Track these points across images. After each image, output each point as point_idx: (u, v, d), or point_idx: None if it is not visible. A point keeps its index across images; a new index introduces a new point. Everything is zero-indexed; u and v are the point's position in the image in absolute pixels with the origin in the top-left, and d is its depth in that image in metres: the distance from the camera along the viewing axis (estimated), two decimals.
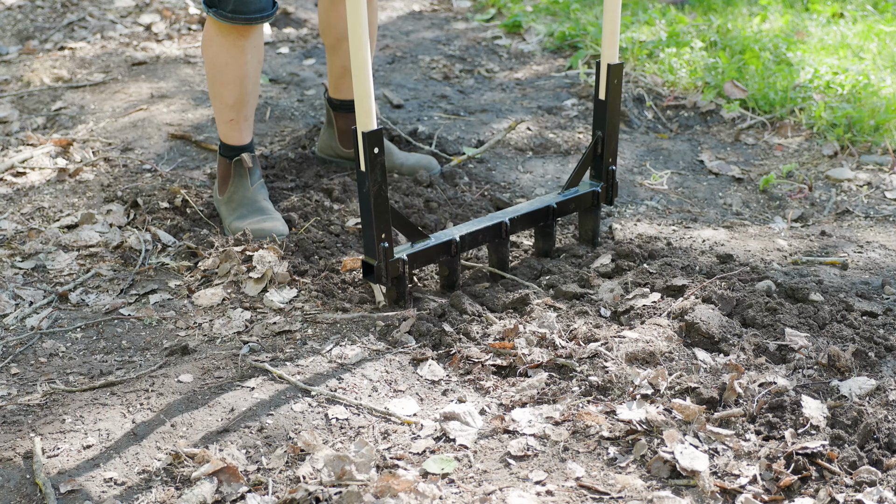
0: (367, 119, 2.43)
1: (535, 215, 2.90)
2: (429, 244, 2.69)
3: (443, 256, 2.73)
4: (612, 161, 3.01)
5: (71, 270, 2.99)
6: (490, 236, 2.81)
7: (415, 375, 2.41)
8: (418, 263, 2.67)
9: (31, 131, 3.89)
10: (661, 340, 2.42)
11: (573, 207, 2.99)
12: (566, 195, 2.98)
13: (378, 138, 2.46)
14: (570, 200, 2.97)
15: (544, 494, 1.98)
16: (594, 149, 3.00)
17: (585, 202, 3.01)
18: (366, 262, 2.60)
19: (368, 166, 2.47)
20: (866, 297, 2.73)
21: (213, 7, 2.92)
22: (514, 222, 2.85)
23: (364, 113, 2.42)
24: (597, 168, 3.03)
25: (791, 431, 2.10)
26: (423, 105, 4.23)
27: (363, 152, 2.46)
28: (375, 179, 2.49)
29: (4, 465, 2.12)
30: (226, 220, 3.13)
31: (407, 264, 2.63)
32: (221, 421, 2.24)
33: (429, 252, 2.69)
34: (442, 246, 2.71)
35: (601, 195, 3.02)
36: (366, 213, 2.54)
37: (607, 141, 2.98)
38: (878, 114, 3.95)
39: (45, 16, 5.18)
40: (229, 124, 3.12)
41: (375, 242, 2.55)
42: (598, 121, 2.98)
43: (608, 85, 2.93)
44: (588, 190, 3.01)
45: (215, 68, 3.04)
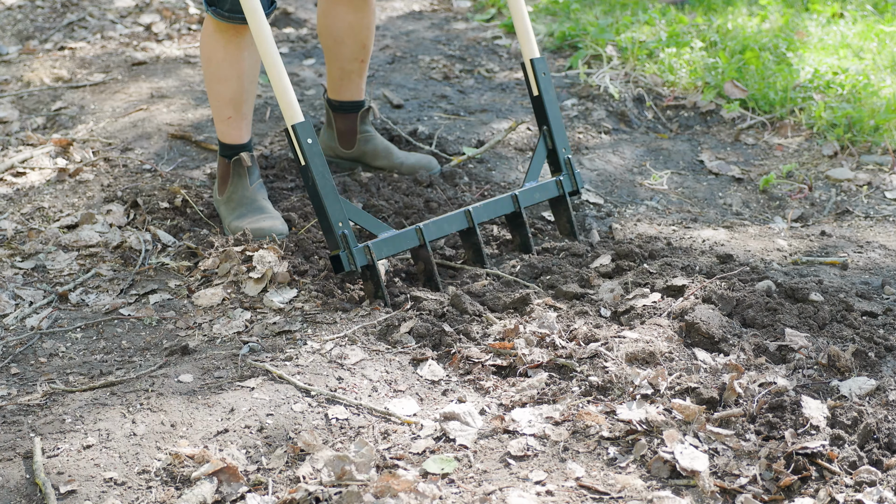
0: (292, 112, 2.49)
1: (498, 204, 2.97)
2: (394, 233, 2.73)
3: (410, 244, 2.76)
4: (565, 150, 3.10)
5: (71, 270, 2.99)
6: (455, 224, 2.86)
7: (415, 375, 2.41)
8: (386, 251, 2.70)
9: (31, 131, 3.89)
10: (661, 340, 2.42)
11: (538, 196, 3.05)
12: (527, 185, 3.05)
13: (308, 129, 2.52)
14: (534, 189, 3.04)
15: (544, 494, 1.98)
16: (545, 143, 3.09)
17: (550, 190, 3.08)
18: (333, 257, 2.63)
19: (307, 158, 2.50)
20: (866, 297, 2.73)
21: (211, 6, 2.93)
22: (478, 211, 2.91)
23: (287, 106, 2.49)
24: (553, 160, 3.12)
25: (791, 431, 2.10)
26: (423, 105, 4.23)
27: (298, 145, 2.51)
28: (318, 169, 2.53)
29: (4, 465, 2.12)
30: (225, 219, 3.13)
31: (373, 251, 2.65)
32: (221, 421, 2.24)
33: (395, 240, 2.72)
34: (407, 234, 2.75)
35: (565, 182, 3.09)
36: (318, 205, 2.58)
37: (555, 132, 3.08)
38: (878, 114, 3.95)
39: (45, 16, 5.18)
40: (227, 122, 3.12)
41: (334, 231, 2.58)
42: (539, 116, 3.09)
43: (537, 79, 3.04)
44: (550, 180, 3.09)
45: (212, 66, 3.05)
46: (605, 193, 3.56)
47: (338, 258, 2.63)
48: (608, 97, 4.29)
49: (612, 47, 4.72)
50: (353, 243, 2.63)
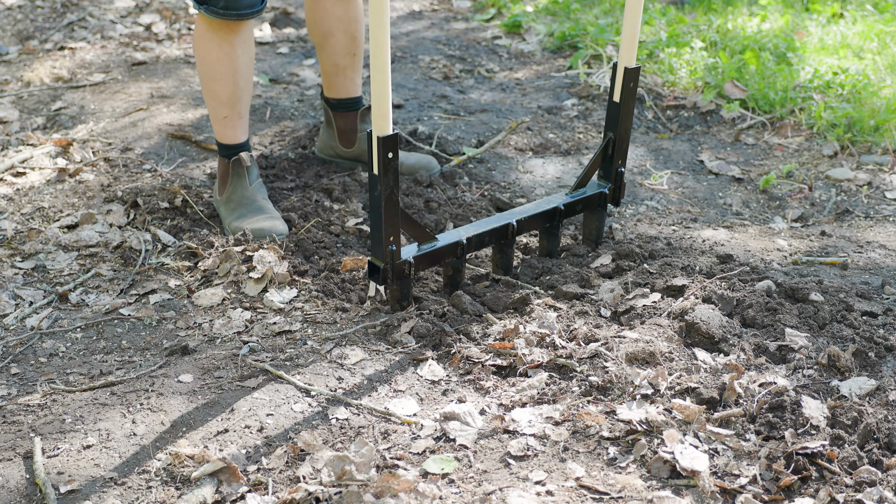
0: (384, 123, 2.42)
1: (542, 216, 2.90)
2: (435, 245, 2.68)
3: (449, 258, 2.73)
4: (621, 163, 3.01)
5: (71, 270, 2.99)
6: (496, 238, 2.81)
7: (415, 375, 2.41)
8: (424, 265, 2.67)
9: (31, 131, 3.89)
10: (662, 340, 2.42)
11: (580, 208, 2.99)
12: (574, 196, 2.97)
13: (393, 143, 2.45)
14: (578, 201, 2.97)
15: (544, 494, 1.98)
16: (605, 150, 3.00)
17: (592, 203, 3.01)
18: (372, 263, 2.60)
19: (381, 170, 2.46)
20: (866, 297, 2.73)
21: (203, 4, 2.92)
22: (521, 224, 2.84)
23: (381, 117, 2.42)
24: (606, 169, 3.03)
25: (791, 431, 2.10)
26: (423, 105, 4.23)
27: (377, 156, 2.46)
28: (388, 183, 2.48)
29: (4, 465, 2.12)
30: (225, 220, 3.13)
31: (413, 266, 2.63)
32: (221, 421, 2.24)
33: (435, 254, 2.68)
34: (448, 248, 2.71)
35: (608, 196, 3.02)
36: (375, 216, 2.54)
37: (618, 143, 2.98)
38: (878, 114, 3.95)
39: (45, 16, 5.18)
40: (223, 122, 3.12)
41: (384, 245, 2.55)
42: (610, 122, 2.98)
43: (623, 88, 2.92)
44: (596, 191, 3.00)
45: (207, 65, 3.04)
46: None
47: (377, 268, 2.59)
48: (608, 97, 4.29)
49: (612, 47, 4.72)
50: (398, 258, 2.59)
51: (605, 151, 3.00)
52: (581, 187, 3.00)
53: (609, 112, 2.98)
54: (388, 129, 2.44)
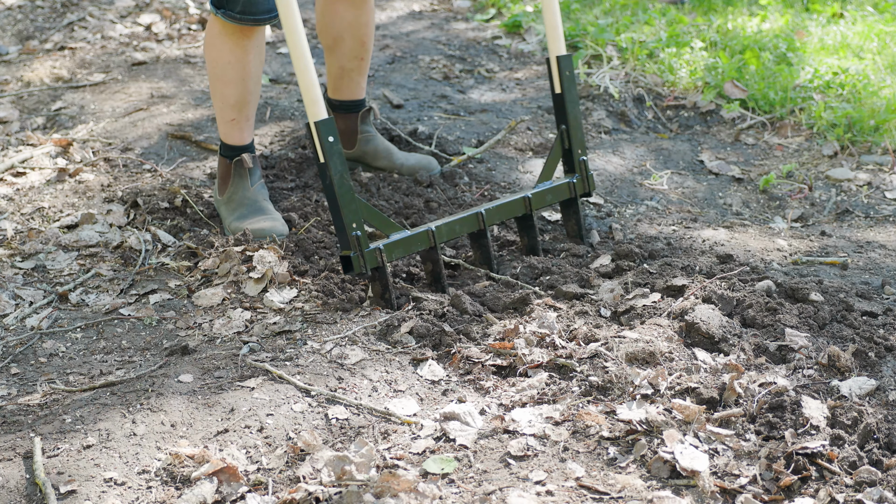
0: (317, 109, 2.46)
1: (510, 206, 2.93)
2: (406, 234, 2.70)
3: (420, 246, 2.74)
4: (581, 152, 3.04)
5: (71, 270, 2.99)
6: (467, 226, 2.83)
7: (415, 375, 2.41)
8: (397, 253, 2.68)
9: (31, 131, 3.89)
10: (662, 340, 2.42)
11: (550, 199, 3.01)
12: (540, 187, 3.00)
13: (330, 126, 2.49)
14: (547, 191, 3.00)
15: (544, 494, 1.98)
16: (561, 143, 3.04)
17: (562, 193, 3.04)
18: (343, 257, 2.61)
19: (327, 156, 2.48)
20: (866, 297, 2.73)
21: (220, 8, 2.91)
22: (490, 213, 2.87)
23: (313, 103, 2.45)
24: (568, 161, 3.07)
25: (791, 431, 2.10)
26: (423, 105, 4.23)
27: (319, 143, 2.48)
28: (336, 168, 2.50)
29: (4, 465, 2.12)
30: (226, 220, 3.13)
31: (384, 253, 2.63)
32: (221, 421, 2.24)
33: (406, 242, 2.70)
34: (419, 236, 2.72)
35: (578, 185, 3.05)
36: (333, 205, 2.55)
37: (572, 133, 3.02)
38: (878, 114, 3.95)
39: (45, 16, 5.18)
40: (230, 124, 3.12)
41: (347, 232, 2.56)
42: (559, 115, 3.03)
43: (561, 77, 2.98)
44: (564, 181, 3.04)
45: (218, 68, 3.04)
46: (605, 193, 3.56)
47: (349, 259, 2.61)
48: (608, 97, 4.29)
49: (612, 47, 4.72)
50: (366, 245, 2.61)
51: (562, 144, 3.04)
52: (546, 180, 3.03)
53: (555, 105, 3.04)
54: (323, 114, 2.48)
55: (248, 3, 2.88)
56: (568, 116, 3.01)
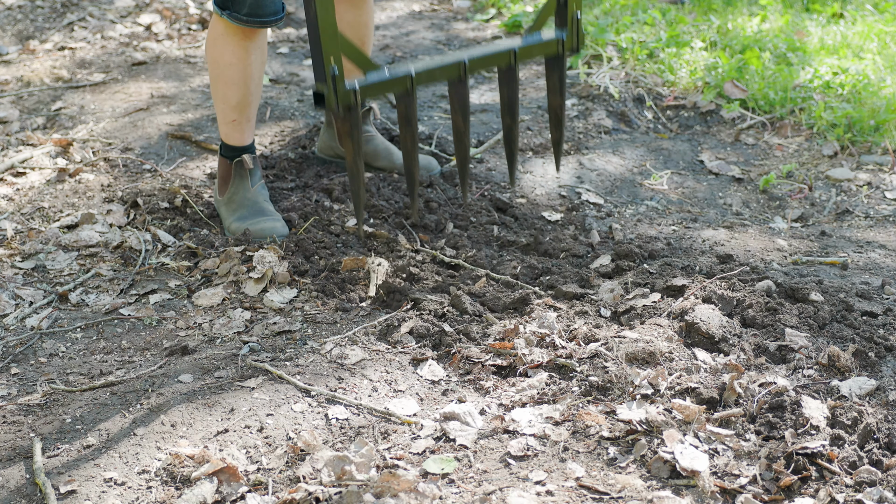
0: None
1: (495, 57, 2.80)
2: (383, 76, 2.60)
3: (397, 89, 2.64)
4: (576, 6, 2.88)
5: (71, 270, 2.99)
6: (447, 74, 2.71)
7: (415, 375, 2.41)
8: (371, 94, 2.58)
9: (31, 131, 3.89)
10: (661, 340, 2.42)
11: (536, 52, 2.87)
12: (528, 40, 2.85)
13: None
14: (534, 47, 2.85)
15: (544, 494, 1.98)
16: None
17: (549, 49, 2.88)
18: (316, 92, 2.52)
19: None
20: (866, 297, 2.73)
21: (226, 9, 2.91)
22: (473, 62, 2.73)
23: None
24: (560, 15, 2.89)
25: (791, 431, 2.10)
26: (423, 105, 4.23)
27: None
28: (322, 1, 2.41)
29: (4, 465, 2.12)
30: (226, 220, 3.13)
31: (358, 93, 2.54)
32: (221, 421, 2.24)
33: (383, 84, 2.60)
34: (397, 80, 2.62)
35: (566, 42, 2.89)
36: (313, 38, 2.46)
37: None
38: (878, 114, 3.95)
39: (45, 16, 5.18)
40: (231, 125, 3.12)
41: (325, 66, 2.47)
42: None
43: None
44: (551, 37, 2.88)
45: (220, 68, 3.04)
46: (605, 193, 3.56)
47: (321, 95, 2.50)
48: (608, 97, 4.29)
49: (612, 47, 4.72)
50: (341, 82, 2.49)
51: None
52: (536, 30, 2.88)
53: None
54: None
55: (255, 5, 2.88)
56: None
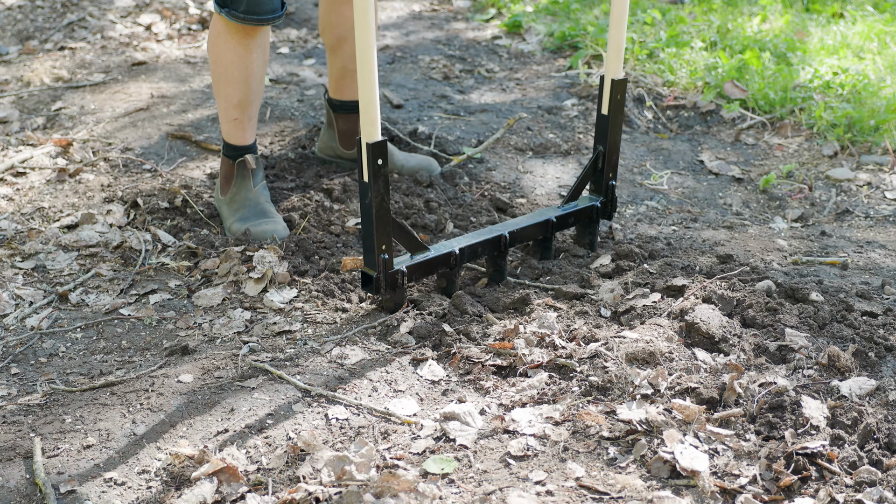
0: (372, 129, 2.41)
1: (534, 229, 2.90)
2: (428, 256, 2.68)
3: (441, 269, 2.72)
4: (612, 176, 3.00)
5: (71, 270, 2.99)
6: (489, 249, 2.81)
7: (415, 375, 2.41)
8: (417, 276, 2.67)
9: (31, 131, 3.89)
10: (662, 340, 2.42)
11: (572, 221, 2.98)
12: (566, 209, 2.96)
13: (382, 149, 2.44)
14: (570, 214, 2.97)
15: (544, 494, 1.98)
16: (595, 164, 2.99)
17: (585, 216, 3.01)
18: (365, 273, 2.60)
19: (372, 177, 2.45)
20: (866, 297, 2.73)
21: (225, 7, 2.91)
22: (513, 235, 2.83)
23: (369, 123, 2.40)
24: (597, 183, 3.02)
25: (791, 431, 2.10)
26: (423, 105, 4.23)
27: (367, 163, 2.44)
28: (378, 191, 2.47)
29: (4, 465, 2.12)
30: (227, 220, 3.13)
31: (405, 276, 2.62)
32: (221, 421, 2.24)
33: (428, 264, 2.68)
34: (441, 258, 2.70)
35: (600, 210, 3.02)
36: (367, 224, 2.53)
37: (608, 156, 2.98)
38: (878, 114, 3.95)
39: (45, 16, 5.18)
40: (233, 123, 3.12)
41: (376, 254, 2.55)
42: (599, 135, 2.97)
43: (611, 100, 2.91)
44: (588, 204, 3.00)
45: (221, 67, 3.03)
46: None
47: (370, 278, 2.59)
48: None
49: None
50: (391, 268, 2.59)
51: (595, 165, 2.99)
52: (572, 200, 2.99)
53: (598, 125, 2.97)
54: (377, 136, 2.42)
55: (253, 2, 2.88)
56: (609, 140, 2.95)
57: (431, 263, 2.69)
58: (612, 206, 3.03)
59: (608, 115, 2.93)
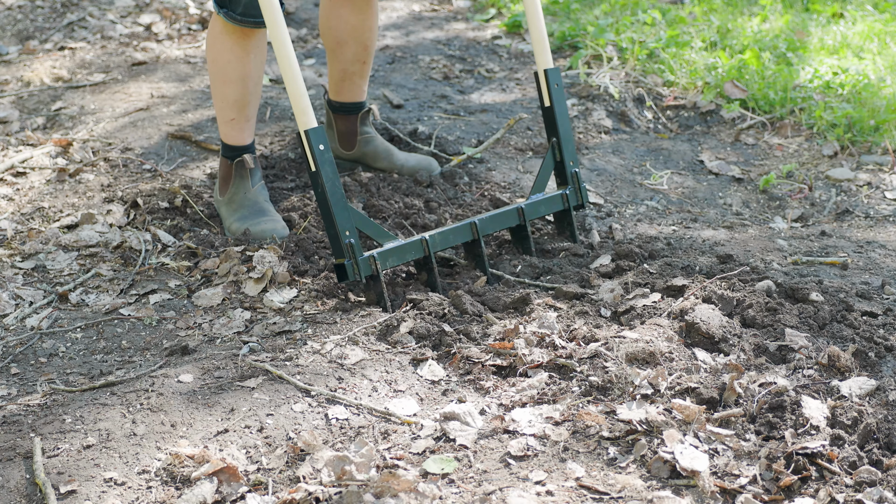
0: (306, 117, 2.49)
1: (504, 216, 2.95)
2: (399, 243, 2.72)
3: (415, 255, 2.75)
4: (573, 163, 3.07)
5: (71, 270, 2.99)
6: (461, 236, 2.85)
7: (415, 375, 2.41)
8: (391, 261, 2.69)
9: (31, 131, 3.89)
10: (662, 340, 2.42)
11: (543, 210, 3.05)
12: (533, 198, 3.03)
13: (320, 135, 2.51)
14: (539, 203, 3.03)
15: (544, 494, 1.98)
16: (553, 156, 3.06)
17: (555, 204, 3.07)
18: (337, 265, 2.61)
19: (318, 164, 2.50)
20: (866, 297, 2.73)
21: (223, 7, 2.91)
22: (483, 223, 2.89)
23: (301, 112, 2.48)
24: (560, 173, 3.09)
25: (791, 431, 2.10)
26: (423, 105, 4.23)
27: (309, 151, 2.50)
28: (328, 176, 2.53)
29: (4, 465, 2.12)
30: (226, 220, 3.13)
31: (378, 261, 2.64)
32: (221, 421, 2.24)
33: (401, 250, 2.71)
34: (413, 245, 2.74)
35: (571, 196, 3.08)
36: (326, 212, 2.57)
37: (563, 145, 3.05)
38: (878, 114, 3.95)
39: (45, 16, 5.18)
40: (230, 124, 3.12)
41: (340, 240, 2.57)
42: (549, 128, 3.06)
43: (550, 90, 3.00)
44: (556, 193, 3.07)
45: (218, 67, 3.04)
46: (605, 193, 3.56)
47: (342, 267, 2.62)
48: (608, 97, 4.29)
49: (612, 47, 4.72)
50: (359, 253, 2.62)
51: (554, 157, 3.06)
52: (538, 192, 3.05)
53: (545, 118, 3.06)
54: (313, 122, 2.50)
55: (250, 4, 2.88)
56: (559, 129, 3.03)
57: (404, 249, 2.72)
58: (582, 193, 3.10)
59: (551, 106, 3.02)
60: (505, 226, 2.97)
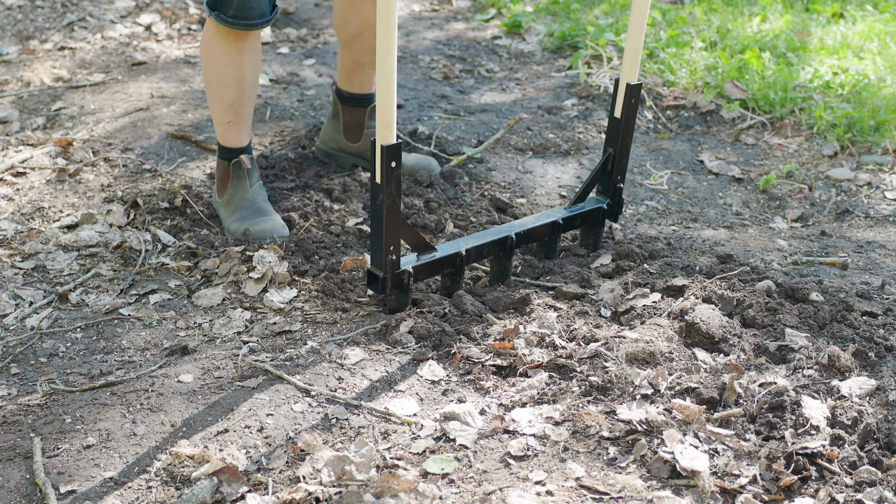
0: (388, 132, 2.42)
1: (541, 230, 2.90)
2: (435, 256, 2.68)
3: (447, 269, 2.73)
4: (620, 179, 3.01)
5: (71, 270, 2.99)
6: (495, 250, 2.81)
7: (415, 375, 2.41)
8: (423, 276, 2.67)
9: (31, 131, 3.89)
10: (662, 340, 2.42)
11: (578, 223, 2.99)
12: (573, 210, 2.97)
13: (396, 152, 2.45)
14: (577, 216, 2.97)
15: (544, 494, 1.98)
16: (604, 165, 3.00)
17: (591, 218, 3.01)
18: (371, 272, 2.60)
19: (384, 179, 2.46)
20: (866, 297, 2.73)
21: (214, 10, 2.91)
22: (519, 237, 2.84)
23: (385, 126, 2.41)
24: (605, 185, 3.03)
25: (791, 431, 2.10)
26: (423, 105, 4.23)
27: (380, 165, 2.46)
28: (390, 193, 2.48)
29: (4, 465, 2.12)
30: (225, 221, 3.13)
31: (411, 276, 2.62)
32: (221, 421, 2.24)
33: (434, 265, 2.69)
34: (447, 259, 2.71)
35: (606, 212, 3.02)
36: (376, 225, 2.54)
37: (618, 159, 2.98)
38: (878, 114, 3.95)
39: (45, 16, 5.18)
40: (226, 126, 3.12)
41: (384, 254, 2.56)
42: (611, 138, 2.98)
43: (625, 104, 2.92)
44: (595, 206, 3.01)
45: (213, 69, 3.04)
46: None
47: (376, 278, 2.60)
48: (608, 97, 4.29)
49: (612, 47, 4.72)
50: (398, 268, 2.59)
51: (605, 167, 3.00)
52: (580, 202, 3.00)
53: (610, 127, 2.97)
54: (392, 139, 2.44)
55: (241, 7, 2.88)
56: (620, 143, 2.95)
57: (437, 264, 2.69)
58: (618, 208, 3.04)
59: (621, 119, 2.93)
60: (540, 238, 2.92)
